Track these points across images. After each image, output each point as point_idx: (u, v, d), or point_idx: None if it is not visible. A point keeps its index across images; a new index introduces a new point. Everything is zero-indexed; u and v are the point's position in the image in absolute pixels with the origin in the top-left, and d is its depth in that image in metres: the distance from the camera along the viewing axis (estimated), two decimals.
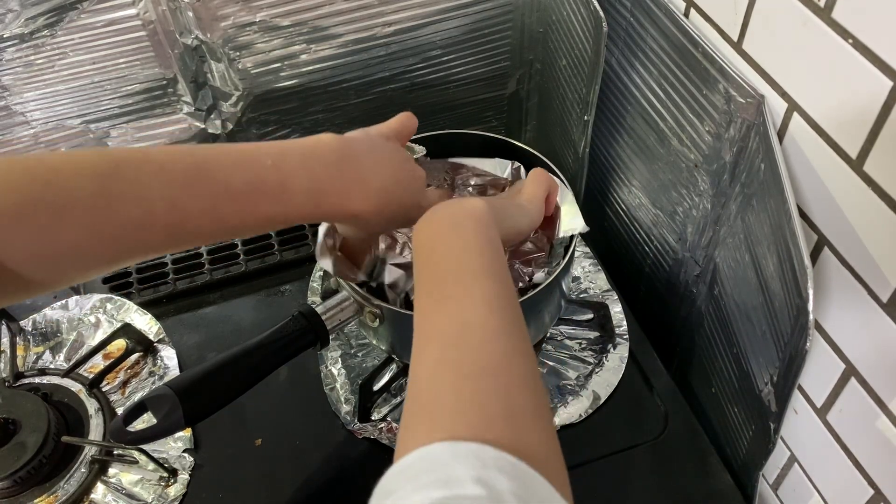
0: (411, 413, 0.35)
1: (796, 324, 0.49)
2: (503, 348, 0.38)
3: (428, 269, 0.44)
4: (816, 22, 0.45)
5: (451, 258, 0.44)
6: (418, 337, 0.40)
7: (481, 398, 0.34)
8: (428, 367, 0.37)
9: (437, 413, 0.34)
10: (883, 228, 0.44)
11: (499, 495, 0.28)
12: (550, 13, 0.81)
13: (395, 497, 0.28)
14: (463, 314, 0.39)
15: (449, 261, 0.44)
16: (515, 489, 0.28)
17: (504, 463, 0.30)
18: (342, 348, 0.74)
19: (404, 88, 0.87)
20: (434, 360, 0.37)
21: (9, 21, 0.68)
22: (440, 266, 0.43)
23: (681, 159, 0.66)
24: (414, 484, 0.29)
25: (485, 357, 0.37)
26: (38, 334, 0.77)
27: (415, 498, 0.28)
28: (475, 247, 0.44)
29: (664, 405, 0.70)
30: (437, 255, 0.44)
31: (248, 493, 0.65)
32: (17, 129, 0.76)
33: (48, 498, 0.64)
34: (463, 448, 0.30)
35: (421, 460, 0.30)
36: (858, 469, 0.52)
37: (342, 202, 0.51)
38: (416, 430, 0.34)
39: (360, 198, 0.52)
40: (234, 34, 0.75)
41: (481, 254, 0.44)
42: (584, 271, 0.80)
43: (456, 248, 0.44)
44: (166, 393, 0.52)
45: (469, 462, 0.29)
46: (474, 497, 0.27)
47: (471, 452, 0.30)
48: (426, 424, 0.34)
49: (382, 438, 0.67)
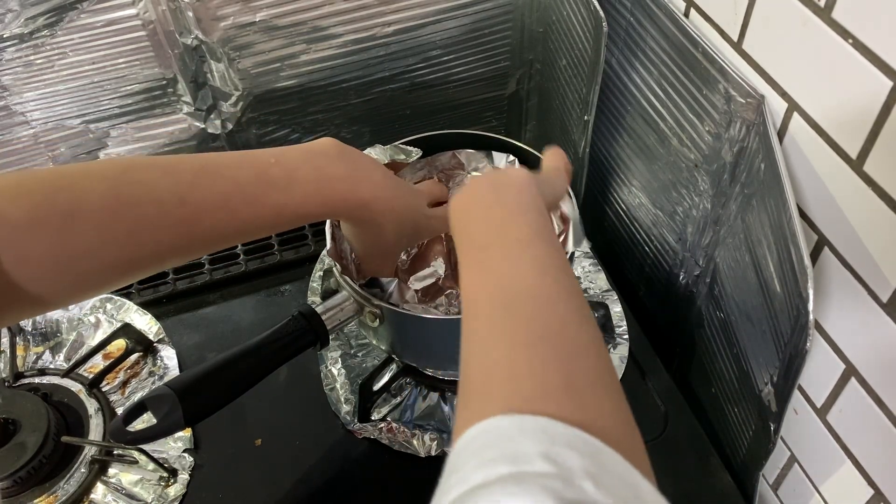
0: (466, 390, 0.34)
1: (796, 324, 0.49)
2: (559, 315, 0.36)
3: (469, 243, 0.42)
4: (816, 22, 0.45)
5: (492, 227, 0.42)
6: (465, 308, 0.38)
7: (541, 368, 0.32)
8: (479, 340, 0.35)
9: (497, 385, 0.32)
10: (883, 228, 0.44)
11: (569, 472, 0.26)
12: (550, 13, 0.81)
13: (460, 475, 0.27)
14: (513, 282, 0.37)
15: (490, 230, 0.41)
16: (587, 466, 0.26)
17: (573, 438, 0.28)
18: (342, 348, 0.74)
19: (404, 88, 0.87)
20: (485, 331, 0.35)
21: (9, 21, 0.68)
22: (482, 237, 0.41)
23: (681, 159, 0.66)
24: (478, 459, 0.27)
25: (540, 324, 0.35)
26: (37, 334, 0.77)
27: (479, 475, 0.26)
28: (519, 213, 0.42)
29: (664, 405, 0.70)
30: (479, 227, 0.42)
31: (248, 493, 0.65)
32: (17, 129, 0.76)
33: (48, 498, 0.64)
34: (529, 422, 0.29)
35: (484, 433, 0.29)
36: (858, 469, 0.52)
37: (351, 188, 0.52)
38: (476, 404, 0.32)
39: (368, 185, 0.53)
40: (234, 34, 0.75)
41: (527, 220, 0.42)
42: (584, 271, 0.80)
43: (497, 216, 0.42)
44: (166, 393, 0.52)
45: (536, 437, 0.28)
46: (543, 474, 0.26)
47: (538, 426, 0.28)
48: (485, 397, 0.32)
49: (382, 438, 0.67)
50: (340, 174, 0.51)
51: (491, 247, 0.40)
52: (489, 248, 0.40)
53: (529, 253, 0.39)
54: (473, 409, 0.31)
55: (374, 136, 0.90)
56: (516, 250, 0.39)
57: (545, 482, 0.25)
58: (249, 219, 0.48)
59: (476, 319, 0.37)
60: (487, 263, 0.39)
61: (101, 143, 0.80)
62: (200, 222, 0.46)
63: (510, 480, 0.26)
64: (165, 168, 0.46)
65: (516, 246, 0.40)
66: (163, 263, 0.48)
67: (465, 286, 0.39)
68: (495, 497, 0.25)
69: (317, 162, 0.51)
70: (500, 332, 0.35)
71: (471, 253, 0.41)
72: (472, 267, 0.40)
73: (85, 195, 0.42)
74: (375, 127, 0.90)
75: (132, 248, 0.44)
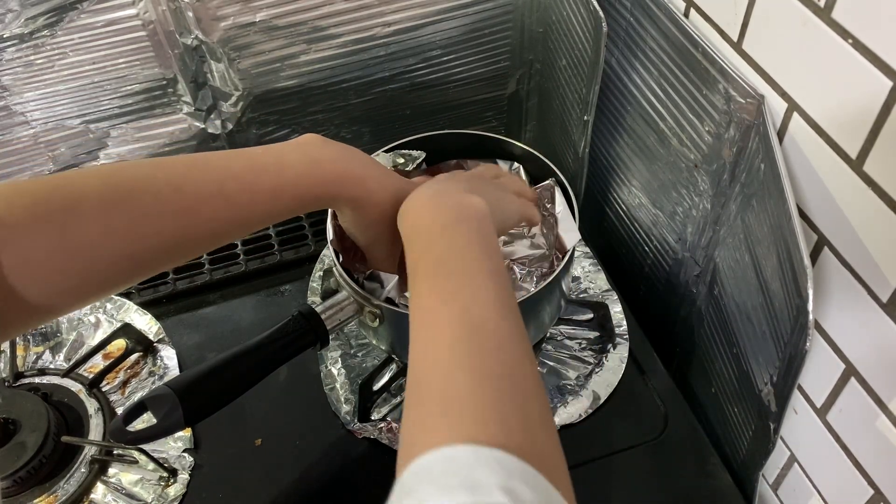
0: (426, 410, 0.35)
1: (796, 324, 0.49)
2: (516, 353, 0.38)
3: (429, 262, 0.44)
4: (816, 22, 0.45)
5: (455, 255, 0.44)
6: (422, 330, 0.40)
7: (501, 403, 0.34)
8: (442, 365, 0.37)
9: (458, 414, 0.34)
10: (883, 228, 0.44)
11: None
12: (550, 13, 0.81)
13: (417, 497, 0.28)
14: (474, 315, 0.39)
15: (453, 258, 0.43)
16: (537, 502, 0.28)
17: (527, 474, 0.30)
18: (342, 348, 0.74)
19: (404, 88, 0.87)
20: (447, 358, 0.37)
21: (9, 21, 0.68)
22: (445, 262, 0.43)
23: (681, 159, 0.66)
24: (437, 485, 0.29)
25: (501, 361, 0.37)
26: (37, 334, 0.77)
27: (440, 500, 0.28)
28: (482, 247, 0.45)
29: (664, 405, 0.70)
30: (441, 250, 0.44)
31: (248, 493, 0.65)
32: (17, 129, 0.76)
33: (48, 498, 0.64)
34: (486, 454, 0.30)
35: (444, 461, 0.30)
36: (858, 469, 0.52)
37: (342, 167, 0.52)
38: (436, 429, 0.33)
39: (358, 164, 0.53)
40: (234, 34, 0.75)
41: (488, 255, 0.44)
42: (584, 271, 0.80)
43: (461, 245, 0.44)
44: (166, 393, 0.52)
45: (493, 469, 0.29)
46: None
47: (494, 459, 0.30)
48: (446, 424, 0.33)
49: (382, 438, 0.67)
50: (329, 156, 0.52)
51: (455, 274, 0.42)
52: (453, 275, 0.42)
53: (489, 287, 0.41)
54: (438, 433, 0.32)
55: (374, 136, 0.90)
56: (478, 282, 0.41)
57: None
58: (246, 204, 0.48)
59: (437, 342, 0.38)
60: (450, 289, 0.41)
61: (101, 143, 0.80)
62: (198, 212, 0.46)
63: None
64: (159, 164, 0.47)
65: (478, 277, 0.42)
66: (165, 260, 0.47)
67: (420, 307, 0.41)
68: None
69: (304, 148, 0.52)
70: (466, 362, 0.36)
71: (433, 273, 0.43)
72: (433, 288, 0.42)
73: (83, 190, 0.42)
74: (375, 127, 0.89)
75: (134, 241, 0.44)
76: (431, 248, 0.45)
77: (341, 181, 0.53)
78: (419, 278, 0.43)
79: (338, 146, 0.54)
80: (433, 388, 0.36)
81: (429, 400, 0.35)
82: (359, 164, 0.54)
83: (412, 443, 0.33)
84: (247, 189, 0.48)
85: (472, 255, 0.44)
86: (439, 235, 0.45)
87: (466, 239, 0.45)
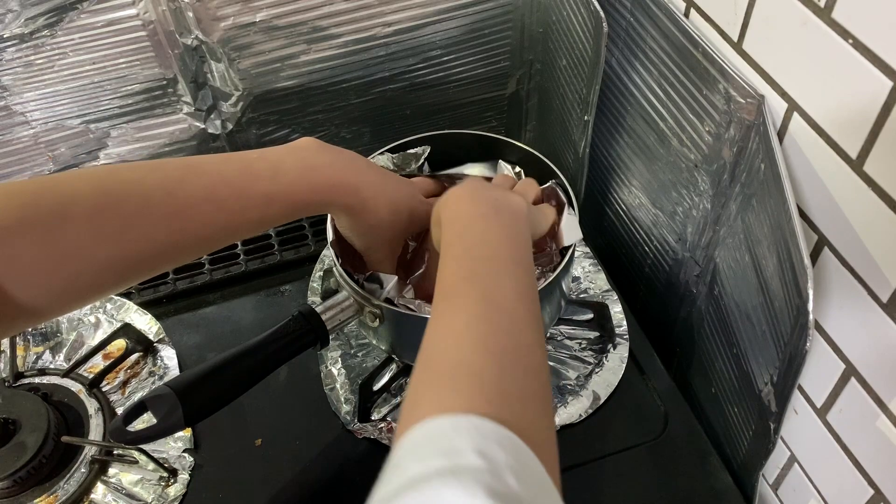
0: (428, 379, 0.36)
1: (796, 324, 0.49)
2: (528, 337, 0.39)
3: (462, 244, 0.45)
4: (816, 22, 0.45)
5: (488, 243, 0.45)
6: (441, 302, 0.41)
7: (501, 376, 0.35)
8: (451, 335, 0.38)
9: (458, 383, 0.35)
10: (883, 228, 0.44)
11: (497, 467, 0.28)
12: (550, 13, 0.81)
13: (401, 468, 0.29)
14: (495, 296, 0.40)
15: (486, 245, 0.45)
16: (512, 463, 0.29)
17: (503, 438, 0.31)
18: (342, 348, 0.74)
19: (404, 88, 0.87)
20: (459, 329, 0.38)
21: (9, 21, 0.68)
22: (477, 246, 0.45)
23: (681, 159, 0.66)
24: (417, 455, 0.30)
25: (511, 340, 0.38)
26: (37, 334, 0.77)
27: (416, 467, 0.28)
28: (513, 239, 0.46)
29: (664, 405, 0.70)
30: (475, 235, 0.46)
31: (248, 493, 0.65)
32: (17, 129, 0.76)
33: (48, 498, 0.64)
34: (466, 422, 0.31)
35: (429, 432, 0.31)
36: (858, 469, 0.52)
37: (337, 173, 0.53)
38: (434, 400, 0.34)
39: (353, 170, 0.54)
40: (234, 34, 0.75)
41: (518, 247, 0.46)
42: (584, 271, 0.80)
43: (494, 234, 0.46)
44: (166, 393, 0.52)
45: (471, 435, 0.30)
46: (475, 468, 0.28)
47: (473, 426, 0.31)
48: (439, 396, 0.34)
49: (382, 438, 0.67)
50: (324, 162, 0.52)
51: (485, 260, 0.43)
52: (479, 260, 0.43)
53: (515, 276, 0.43)
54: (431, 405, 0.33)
55: (374, 136, 0.90)
56: (505, 270, 0.43)
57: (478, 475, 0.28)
58: (238, 210, 0.48)
59: (453, 314, 0.40)
60: (478, 273, 0.42)
61: (101, 143, 0.80)
62: (189, 217, 0.46)
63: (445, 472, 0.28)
64: (151, 166, 0.47)
65: (506, 266, 0.43)
66: (156, 264, 0.47)
67: (449, 284, 0.42)
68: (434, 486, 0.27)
69: (300, 154, 0.52)
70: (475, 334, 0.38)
71: (462, 254, 0.44)
72: (461, 268, 0.43)
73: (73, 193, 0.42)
74: (375, 127, 0.89)
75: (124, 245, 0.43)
76: (466, 233, 0.46)
77: (335, 189, 0.53)
78: (449, 257, 0.45)
79: (333, 151, 0.54)
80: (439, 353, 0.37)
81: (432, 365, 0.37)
82: (353, 171, 0.54)
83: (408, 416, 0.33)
84: (239, 195, 0.48)
85: (502, 243, 0.45)
86: (476, 222, 0.47)
87: (500, 228, 0.47)
